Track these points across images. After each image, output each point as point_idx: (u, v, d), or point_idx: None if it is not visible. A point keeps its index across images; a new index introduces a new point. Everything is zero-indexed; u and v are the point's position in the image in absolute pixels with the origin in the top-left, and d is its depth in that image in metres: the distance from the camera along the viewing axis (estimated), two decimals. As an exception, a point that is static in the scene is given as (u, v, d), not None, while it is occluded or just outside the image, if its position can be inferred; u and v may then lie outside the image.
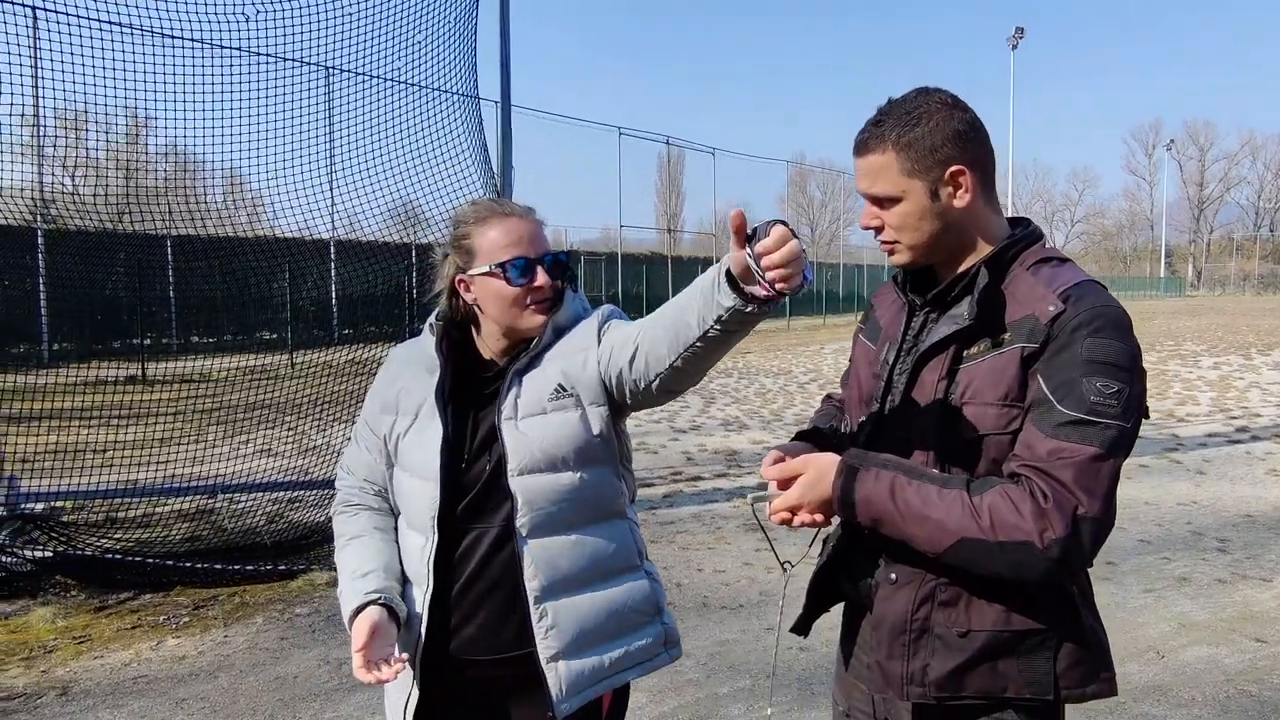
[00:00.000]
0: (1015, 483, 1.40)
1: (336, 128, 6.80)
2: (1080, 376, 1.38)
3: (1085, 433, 1.36)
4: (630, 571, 1.82)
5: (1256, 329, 28.61)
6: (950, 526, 1.39)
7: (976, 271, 1.51)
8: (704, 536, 6.18)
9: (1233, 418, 11.07)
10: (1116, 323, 1.42)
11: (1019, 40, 41.74)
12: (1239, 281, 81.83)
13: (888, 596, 1.56)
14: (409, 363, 1.87)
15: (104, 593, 4.98)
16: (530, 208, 1.84)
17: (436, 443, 1.74)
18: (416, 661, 1.76)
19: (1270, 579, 5.21)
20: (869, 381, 1.68)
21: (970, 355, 1.49)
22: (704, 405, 12.61)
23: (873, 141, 1.52)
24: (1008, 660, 1.48)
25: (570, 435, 1.73)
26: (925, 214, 1.52)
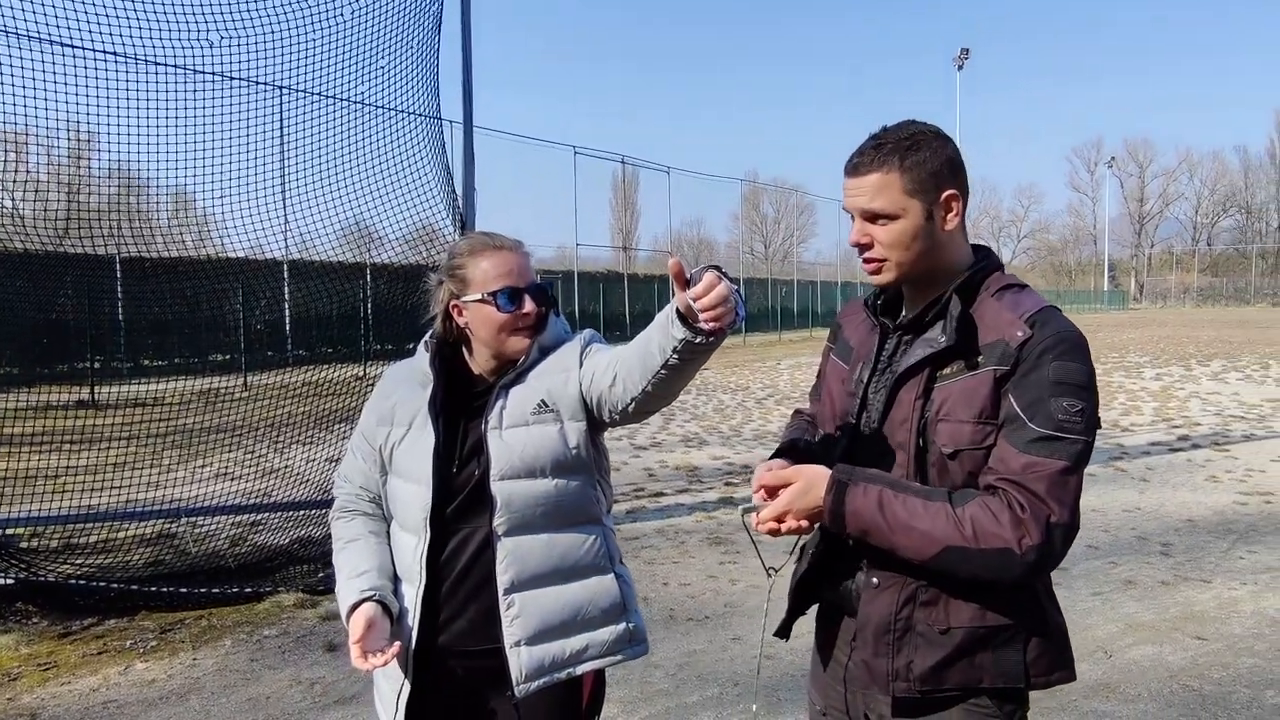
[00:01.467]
0: (993, 494, 1.53)
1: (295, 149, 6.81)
2: (1048, 396, 1.52)
3: (1054, 448, 1.51)
4: (599, 572, 1.97)
5: (1196, 340, 29.51)
6: (936, 536, 1.52)
7: (949, 298, 1.63)
8: (668, 551, 6.27)
9: (1174, 427, 11.45)
10: (1077, 346, 1.56)
11: (965, 60, 42.75)
12: (1179, 294, 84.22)
13: (871, 599, 1.66)
14: (402, 380, 2.04)
15: (67, 619, 4.93)
16: (519, 241, 2.02)
17: (429, 450, 1.90)
18: (409, 653, 1.90)
19: (1210, 580, 5.44)
20: (843, 398, 1.79)
21: (944, 375, 1.61)
22: (664, 422, 12.72)
23: (875, 162, 1.62)
24: (983, 654, 1.61)
25: (549, 446, 1.90)
26: (919, 234, 1.63)
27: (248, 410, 7.62)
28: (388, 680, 1.97)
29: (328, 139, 6.48)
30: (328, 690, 4.07)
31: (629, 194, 57.44)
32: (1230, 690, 3.94)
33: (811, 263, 55.63)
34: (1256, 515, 6.98)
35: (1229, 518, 6.92)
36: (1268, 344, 26.92)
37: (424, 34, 6.38)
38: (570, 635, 1.93)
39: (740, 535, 6.60)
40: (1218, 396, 14.46)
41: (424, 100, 6.52)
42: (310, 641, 4.65)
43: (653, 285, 36.74)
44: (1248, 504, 7.34)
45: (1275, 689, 3.93)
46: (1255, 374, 18.03)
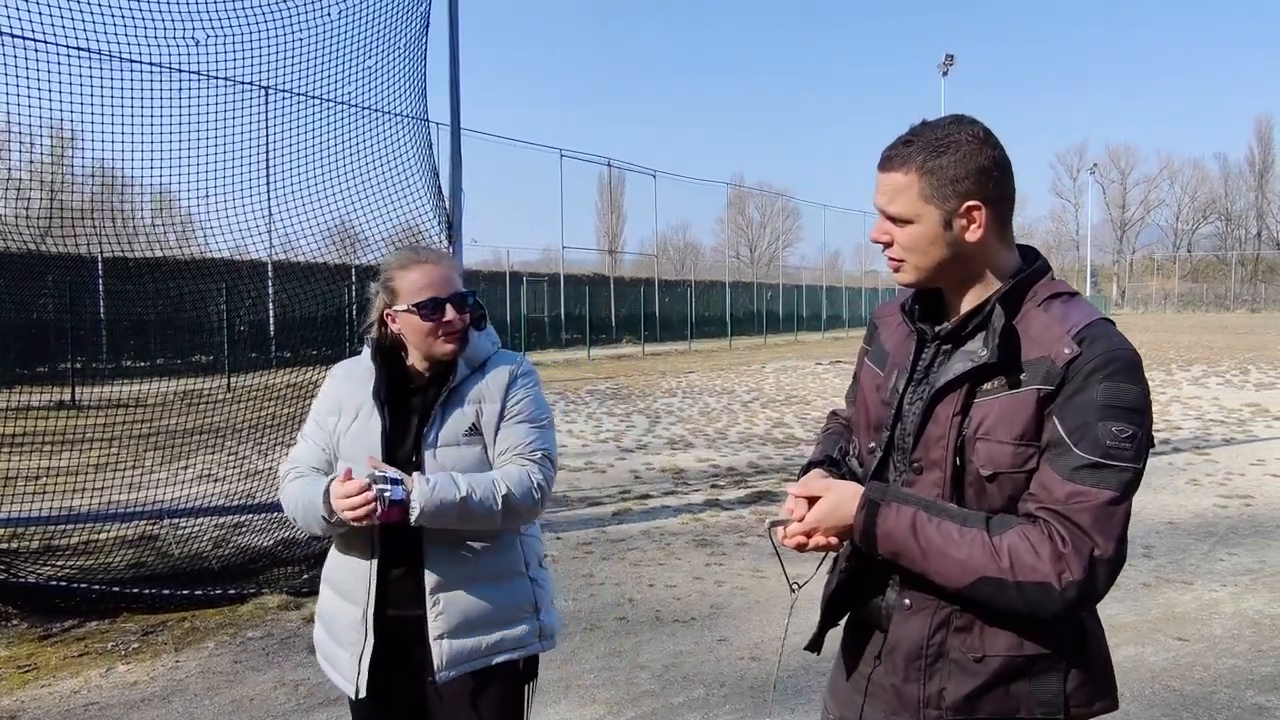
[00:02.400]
0: (1033, 524, 1.45)
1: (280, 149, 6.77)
2: (1096, 420, 1.43)
3: (1101, 476, 1.42)
4: (515, 576, 2.23)
5: (1177, 345, 29.79)
6: (971, 565, 1.45)
7: (991, 309, 1.54)
8: (654, 553, 6.27)
9: (1155, 430, 11.51)
10: (1130, 366, 1.46)
11: (949, 67, 42.98)
12: (1161, 300, 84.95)
13: (903, 621, 1.60)
14: (349, 375, 2.29)
15: (47, 621, 4.88)
16: (445, 253, 2.28)
17: (377, 434, 2.16)
18: (368, 618, 2.13)
19: (1191, 582, 5.49)
20: (877, 408, 1.69)
21: (985, 391, 1.52)
22: (649, 425, 12.73)
23: (898, 160, 1.55)
24: (1020, 683, 1.53)
25: (474, 466, 2.15)
26: (936, 240, 1.55)
27: (231, 411, 7.56)
28: (342, 646, 2.18)
29: (313, 139, 6.45)
30: (312, 692, 4.05)
31: (615, 197, 57.44)
32: (1211, 690, 3.98)
33: (797, 267, 55.87)
34: (1236, 518, 7.06)
35: (1209, 520, 6.99)
36: (1247, 349, 27.21)
37: (411, 34, 6.37)
38: (486, 631, 2.16)
39: (727, 537, 6.62)
40: (1198, 401, 14.60)
41: (411, 101, 6.50)
42: (294, 643, 4.62)
43: (638, 288, 36.76)
44: (1228, 507, 7.42)
45: (1255, 689, 3.98)
46: (1235, 379, 18.21)
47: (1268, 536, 6.51)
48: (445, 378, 2.20)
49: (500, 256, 34.22)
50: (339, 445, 2.20)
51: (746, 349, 32.78)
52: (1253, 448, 10.22)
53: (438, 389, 2.19)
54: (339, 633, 2.19)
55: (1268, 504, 7.52)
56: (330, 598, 2.24)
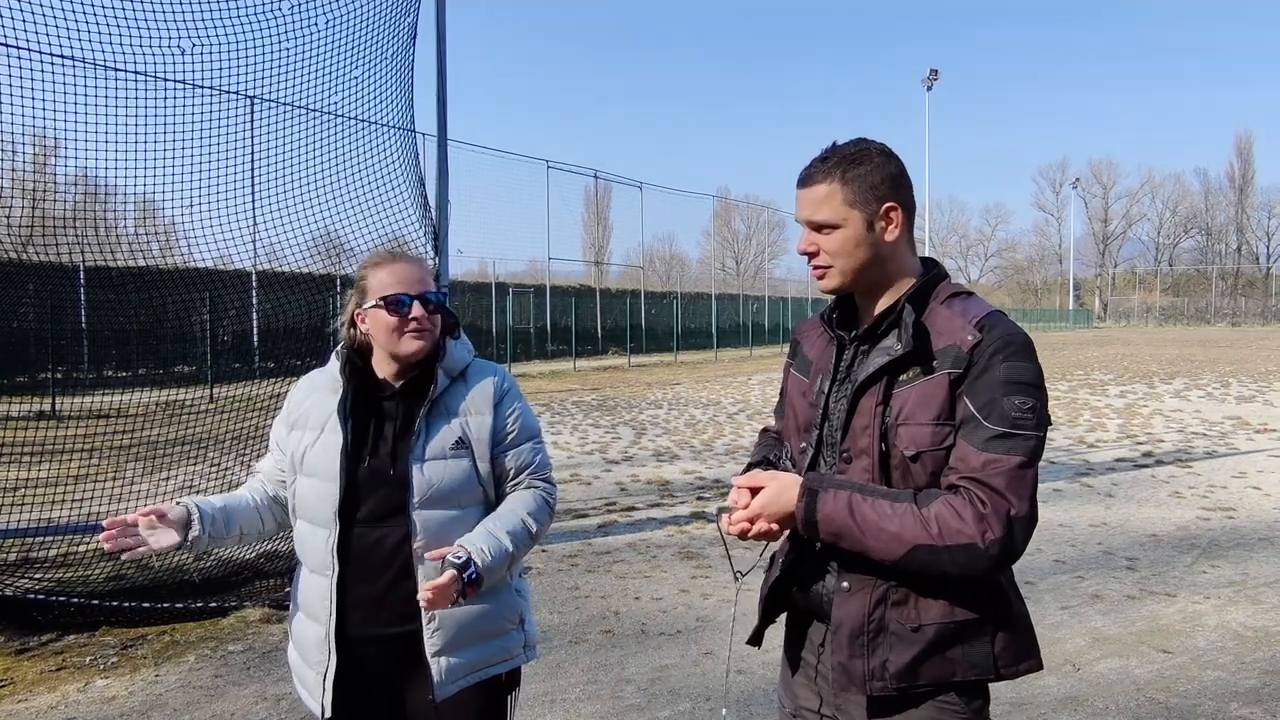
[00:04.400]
0: (955, 493, 1.60)
1: (265, 159, 6.73)
2: (1001, 396, 1.60)
3: (1010, 444, 1.59)
4: (504, 588, 2.21)
5: (1159, 359, 30.01)
6: (905, 536, 1.59)
7: (902, 308, 1.71)
8: (640, 565, 6.25)
9: (1139, 443, 11.62)
10: (1025, 347, 1.64)
11: (933, 81, 43.33)
12: (1142, 313, 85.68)
13: (843, 603, 1.72)
14: (315, 388, 2.23)
15: (24, 635, 4.81)
16: (419, 256, 2.25)
17: (338, 449, 2.11)
18: (330, 637, 2.09)
19: (1175, 594, 5.51)
20: (805, 410, 1.85)
21: (902, 381, 1.68)
22: (635, 436, 12.71)
23: (820, 174, 1.72)
24: (954, 648, 1.68)
25: (462, 480, 2.13)
26: (860, 242, 1.72)
27: (213, 422, 7.50)
28: (309, 666, 2.14)
29: (299, 149, 6.43)
30: (294, 706, 4.00)
31: (601, 209, 57.50)
32: (1196, 703, 3.98)
33: (782, 279, 56.02)
34: (1219, 530, 7.09)
35: (1192, 533, 7.03)
36: (1228, 363, 27.44)
37: (399, 45, 6.36)
38: (480, 645, 2.15)
39: (713, 550, 6.60)
40: (1180, 414, 14.70)
41: (398, 112, 6.49)
42: (276, 657, 4.57)
43: (624, 300, 36.75)
44: (1210, 519, 7.46)
45: (1239, 701, 3.99)
46: (1216, 392, 18.35)
47: (1250, 549, 6.54)
48: (420, 387, 2.15)
49: (486, 267, 34.18)
50: (304, 461, 2.15)
51: (732, 360, 32.81)
52: (1234, 460, 10.29)
53: (415, 399, 2.14)
54: (306, 653, 2.16)
55: (1250, 516, 7.56)
56: (298, 616, 2.21)
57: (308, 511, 2.15)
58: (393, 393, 2.16)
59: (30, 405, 12.95)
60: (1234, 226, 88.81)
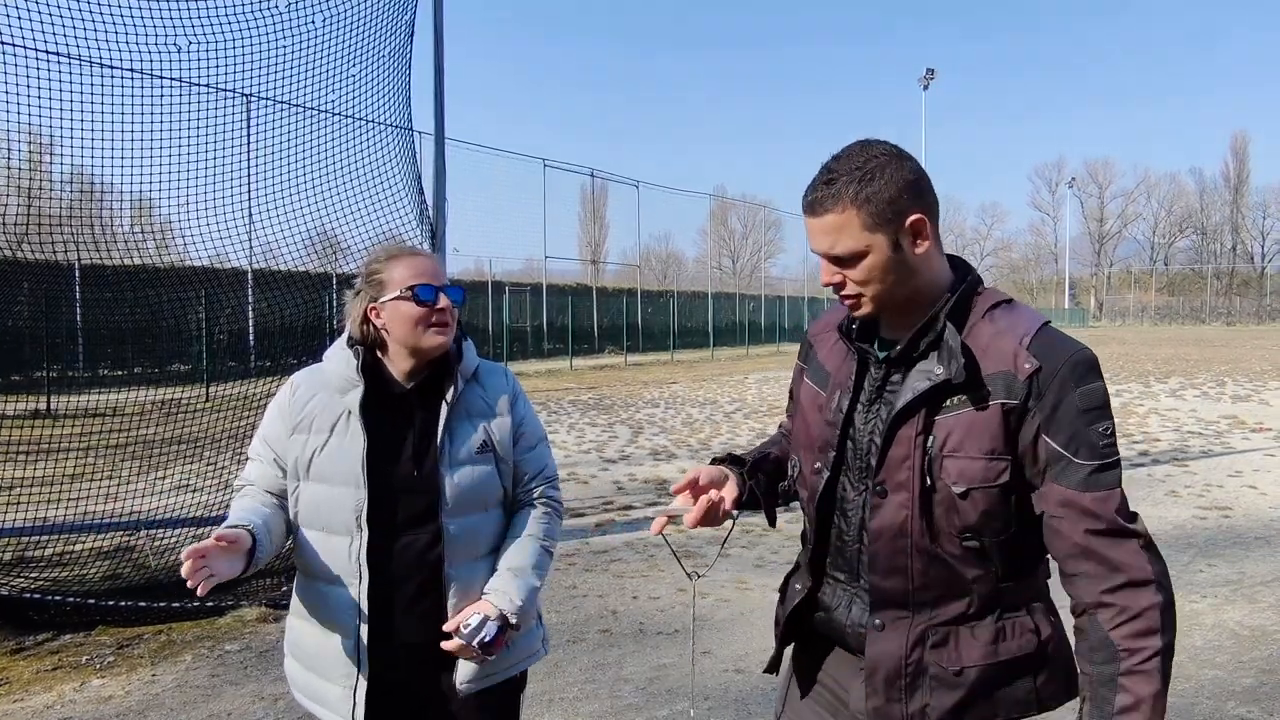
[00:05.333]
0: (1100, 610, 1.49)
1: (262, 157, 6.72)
2: (1084, 427, 1.48)
3: (1104, 477, 1.50)
4: None
5: (1154, 358, 30.07)
6: (1160, 698, 1.48)
7: (943, 327, 1.55)
8: (638, 564, 6.25)
9: (1134, 443, 11.63)
10: (1091, 365, 1.53)
11: (930, 81, 43.33)
12: (1138, 312, 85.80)
13: (877, 641, 1.61)
14: (316, 386, 2.09)
15: (20, 634, 4.80)
16: (431, 252, 2.16)
17: (359, 452, 2.00)
18: (361, 649, 2.00)
19: (1172, 593, 5.51)
20: (821, 428, 1.69)
21: (947, 408, 1.53)
22: (632, 435, 12.70)
23: (829, 201, 1.53)
24: (999, 690, 1.58)
25: (488, 482, 2.10)
26: (889, 266, 1.54)
27: (209, 421, 7.48)
28: (330, 680, 2.03)
29: (296, 148, 6.41)
30: (291, 706, 3.99)
31: (598, 207, 57.48)
32: (1193, 702, 3.99)
33: (779, 278, 56.07)
34: (1215, 530, 7.11)
35: (1189, 532, 7.04)
36: (1223, 362, 27.51)
37: (396, 43, 6.35)
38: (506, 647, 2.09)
39: (710, 549, 6.59)
40: (1176, 413, 14.73)
41: (396, 110, 6.47)
42: (273, 656, 4.56)
43: (621, 299, 36.74)
44: (1206, 519, 7.47)
45: (1236, 700, 3.99)
46: (1212, 391, 18.39)
47: (1246, 548, 6.56)
48: (434, 388, 2.07)
49: (482, 266, 34.11)
50: (311, 467, 2.02)
51: (729, 359, 32.82)
52: (1230, 459, 10.31)
53: (431, 400, 2.07)
54: (324, 668, 2.03)
55: (1246, 515, 7.58)
56: (306, 630, 2.08)
57: (320, 520, 2.03)
58: (406, 393, 2.08)
59: (25, 404, 12.90)
60: (1229, 226, 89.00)
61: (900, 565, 1.58)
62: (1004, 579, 1.58)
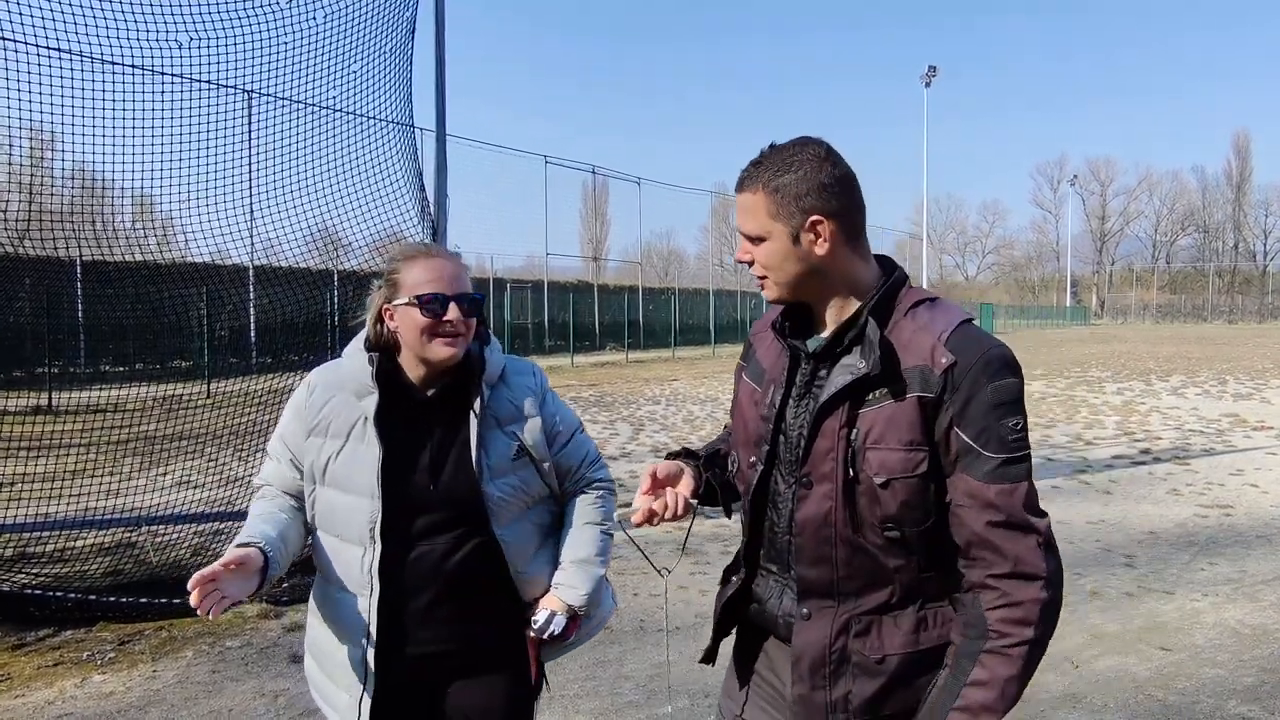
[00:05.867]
0: (985, 592, 1.55)
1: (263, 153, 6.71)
2: (995, 421, 1.52)
3: (1011, 471, 1.53)
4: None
5: (1156, 356, 30.04)
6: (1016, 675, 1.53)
7: (864, 322, 1.60)
8: (638, 562, 6.23)
9: (1136, 440, 11.63)
10: (1005, 362, 1.56)
11: (932, 78, 43.27)
12: (1140, 310, 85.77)
13: (803, 631, 1.66)
14: (333, 387, 2.02)
15: (21, 630, 4.80)
16: (456, 252, 2.08)
17: (374, 462, 1.92)
18: (368, 660, 1.95)
19: (1173, 591, 5.51)
20: (756, 423, 1.74)
21: (869, 402, 1.58)
22: (633, 433, 12.70)
23: (748, 181, 1.62)
24: (921, 677, 1.61)
25: (531, 486, 2.06)
26: (788, 256, 1.61)
27: (210, 417, 7.48)
28: (339, 687, 1.99)
29: (298, 144, 6.40)
30: (292, 702, 3.99)
31: (599, 204, 57.49)
32: (1194, 700, 3.99)
33: (780, 275, 55.81)
34: (1216, 528, 7.10)
35: (1190, 530, 7.03)
36: (1224, 360, 27.48)
37: (398, 40, 6.34)
38: None
39: (711, 546, 6.60)
40: (1178, 411, 14.72)
41: (397, 106, 6.47)
42: (274, 653, 4.57)
43: (622, 296, 36.73)
44: (1208, 517, 7.46)
45: (1238, 699, 3.99)
46: (1213, 389, 18.38)
47: (1248, 546, 6.55)
48: (455, 397, 1.99)
49: (484, 263, 34.12)
50: (326, 472, 1.97)
51: (730, 357, 32.80)
52: (1232, 458, 10.30)
53: (453, 408, 1.99)
54: (335, 672, 2.00)
55: (1247, 514, 7.57)
56: (322, 631, 2.04)
57: (335, 526, 1.98)
58: (425, 401, 1.99)
59: (27, 400, 12.90)
60: (1231, 224, 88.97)
61: (825, 555, 1.62)
62: (926, 569, 1.61)
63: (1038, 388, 18.99)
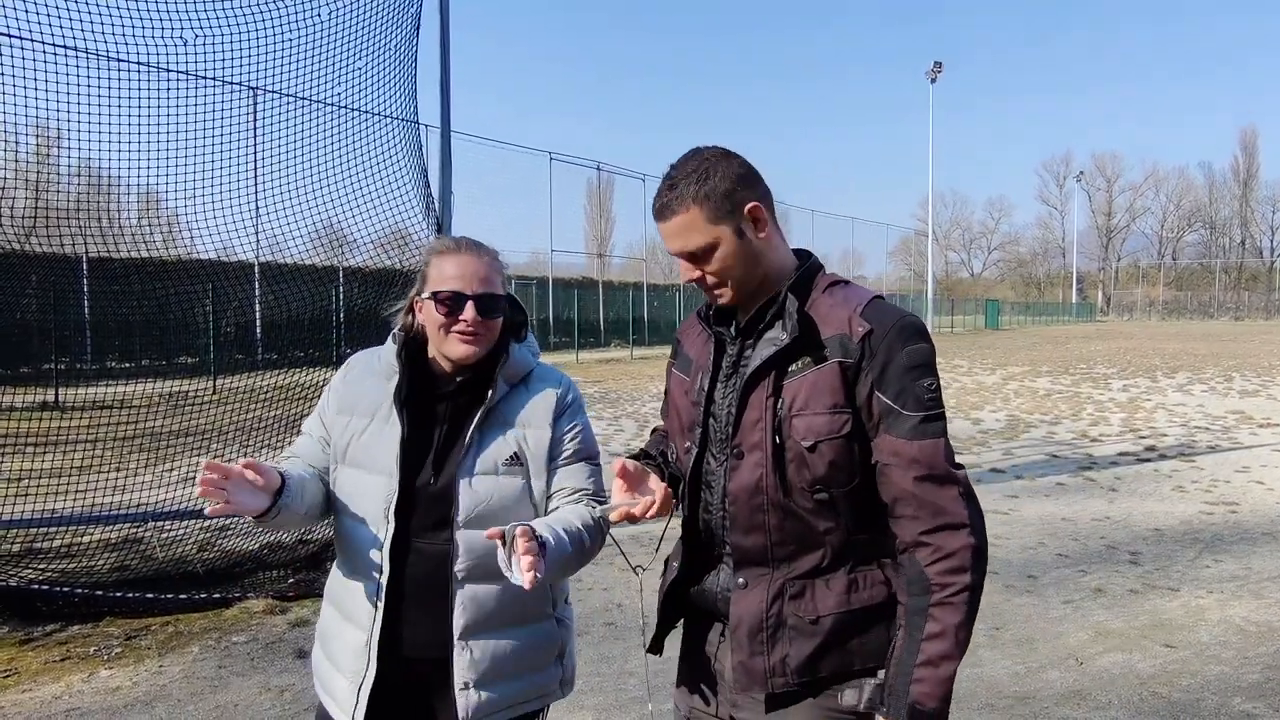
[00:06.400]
0: (918, 550, 1.62)
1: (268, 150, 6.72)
2: (911, 382, 1.62)
3: (931, 427, 1.62)
4: (543, 619, 2.03)
5: (1162, 353, 29.96)
6: (960, 623, 1.59)
7: (784, 298, 1.69)
8: (643, 558, 6.23)
9: (1141, 437, 11.60)
10: (917, 329, 1.66)
11: (937, 74, 43.16)
12: (1145, 307, 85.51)
13: (740, 599, 1.72)
14: (368, 369, 2.04)
15: (28, 625, 4.82)
16: (492, 251, 2.01)
17: (395, 442, 1.92)
18: (371, 646, 1.92)
19: (1178, 589, 5.50)
20: (689, 410, 1.83)
21: (792, 372, 1.67)
22: (638, 429, 12.71)
23: (675, 204, 1.68)
24: (853, 639, 1.68)
25: (514, 499, 1.94)
26: (738, 253, 1.69)
27: (216, 414, 7.51)
28: (340, 672, 1.96)
29: (302, 141, 6.41)
30: (298, 698, 4.01)
31: (604, 201, 57.45)
32: (1199, 697, 3.98)
33: (785, 272, 55.80)
34: (1222, 525, 7.09)
35: (1195, 527, 7.02)
36: (1231, 357, 27.40)
37: (402, 36, 6.34)
38: (514, 680, 1.97)
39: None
40: (1183, 408, 14.68)
41: (401, 103, 6.47)
42: (280, 648, 4.58)
43: (627, 292, 36.73)
44: (1213, 514, 7.45)
45: (1242, 696, 3.99)
46: (1219, 386, 18.33)
47: (1253, 543, 6.54)
48: (477, 389, 1.96)
49: (488, 259, 34.05)
50: (348, 451, 1.97)
51: (734, 353, 32.78)
52: (1238, 455, 10.28)
53: (468, 402, 1.96)
54: (338, 657, 1.97)
55: (1253, 511, 7.56)
56: (332, 616, 2.02)
57: (352, 506, 1.96)
58: (446, 391, 1.97)
59: (33, 396, 12.96)
60: (1238, 220, 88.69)
61: (758, 523, 1.69)
62: (854, 532, 1.68)
63: (1043, 384, 18.96)
